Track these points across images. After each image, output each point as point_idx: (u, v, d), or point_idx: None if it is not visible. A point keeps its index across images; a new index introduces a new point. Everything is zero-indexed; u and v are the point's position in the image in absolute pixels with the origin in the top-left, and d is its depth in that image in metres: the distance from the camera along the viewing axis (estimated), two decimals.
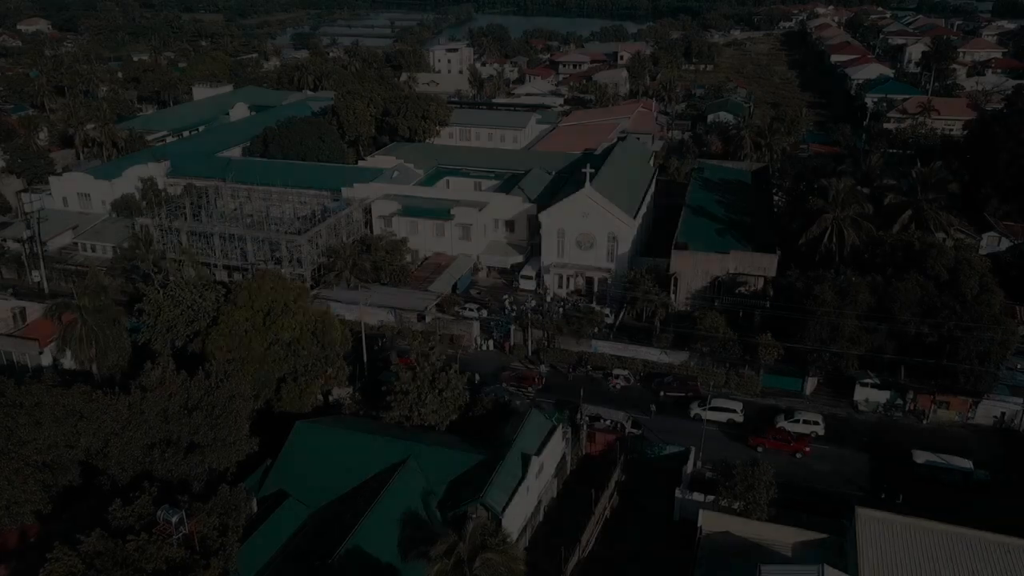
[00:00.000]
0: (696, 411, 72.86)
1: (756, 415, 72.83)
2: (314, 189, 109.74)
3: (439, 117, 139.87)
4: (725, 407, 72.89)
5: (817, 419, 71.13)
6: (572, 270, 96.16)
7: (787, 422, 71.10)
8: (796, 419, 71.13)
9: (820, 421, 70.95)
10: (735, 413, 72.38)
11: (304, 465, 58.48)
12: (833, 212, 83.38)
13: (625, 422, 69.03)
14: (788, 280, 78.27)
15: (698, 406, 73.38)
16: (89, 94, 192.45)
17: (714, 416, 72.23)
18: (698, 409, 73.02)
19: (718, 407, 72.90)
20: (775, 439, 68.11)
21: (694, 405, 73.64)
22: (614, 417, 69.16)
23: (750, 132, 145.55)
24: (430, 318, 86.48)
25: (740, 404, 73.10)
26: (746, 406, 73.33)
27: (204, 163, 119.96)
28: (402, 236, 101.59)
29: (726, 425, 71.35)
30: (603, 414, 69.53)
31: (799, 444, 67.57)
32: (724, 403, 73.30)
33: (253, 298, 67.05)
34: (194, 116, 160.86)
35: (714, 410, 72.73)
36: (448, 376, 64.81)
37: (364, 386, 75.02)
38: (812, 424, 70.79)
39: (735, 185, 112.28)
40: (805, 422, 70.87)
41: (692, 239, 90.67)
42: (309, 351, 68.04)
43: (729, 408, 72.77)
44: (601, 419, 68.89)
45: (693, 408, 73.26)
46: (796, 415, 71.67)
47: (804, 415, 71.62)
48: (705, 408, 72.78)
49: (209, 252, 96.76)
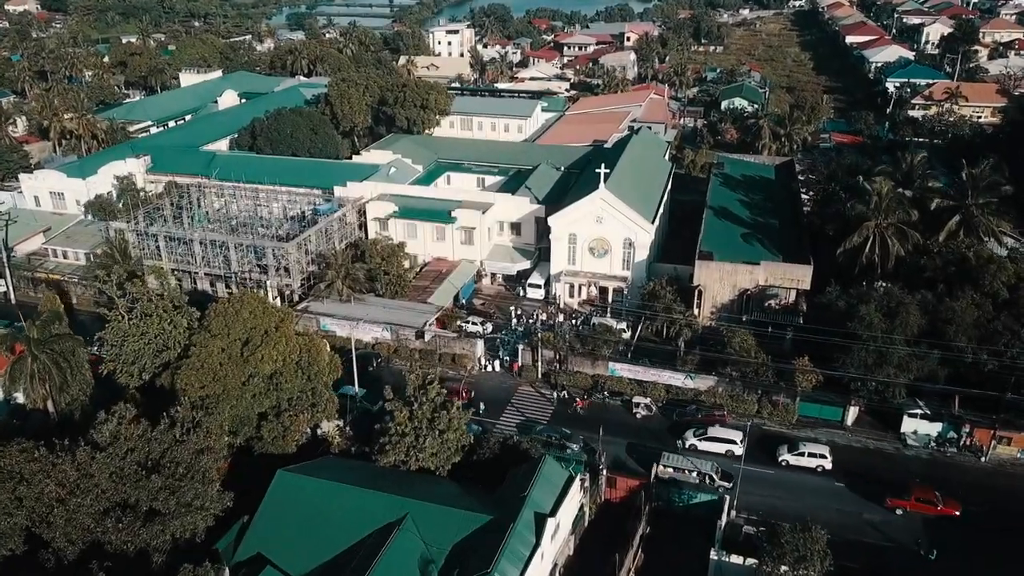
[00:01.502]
0: (691, 441, 65.73)
1: (757, 444, 65.31)
2: (305, 188, 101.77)
3: (439, 106, 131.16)
4: (723, 437, 65.51)
5: (824, 452, 63.78)
6: (584, 279, 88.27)
7: (791, 455, 63.90)
8: (801, 452, 63.80)
9: (827, 454, 63.58)
10: (735, 444, 65.00)
11: (286, 523, 51.12)
12: (875, 219, 75.30)
13: (714, 474, 60.66)
14: (828, 298, 70.35)
15: (693, 435, 66.12)
16: (73, 80, 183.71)
17: (711, 447, 65.12)
18: (693, 439, 65.82)
19: (715, 437, 65.56)
20: (920, 500, 58.49)
21: (688, 434, 66.32)
22: (701, 468, 60.66)
23: (769, 122, 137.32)
24: (430, 336, 78.71)
25: (740, 434, 65.61)
26: (745, 434, 65.60)
27: (187, 158, 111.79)
28: (399, 240, 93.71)
29: (725, 458, 64.12)
30: (687, 465, 61.01)
31: (948, 507, 58.09)
32: (723, 433, 65.90)
33: (230, 325, 59.24)
34: (180, 104, 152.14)
35: (711, 440, 65.49)
36: (449, 415, 57.22)
37: (356, 419, 67.54)
38: (819, 457, 63.49)
39: (758, 182, 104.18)
40: (811, 455, 63.58)
41: (716, 246, 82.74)
42: (293, 384, 60.43)
43: (728, 439, 65.37)
44: (685, 471, 60.54)
45: (688, 438, 66.00)
46: (801, 447, 64.23)
47: (810, 447, 64.17)
48: (701, 438, 65.64)
49: (190, 259, 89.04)
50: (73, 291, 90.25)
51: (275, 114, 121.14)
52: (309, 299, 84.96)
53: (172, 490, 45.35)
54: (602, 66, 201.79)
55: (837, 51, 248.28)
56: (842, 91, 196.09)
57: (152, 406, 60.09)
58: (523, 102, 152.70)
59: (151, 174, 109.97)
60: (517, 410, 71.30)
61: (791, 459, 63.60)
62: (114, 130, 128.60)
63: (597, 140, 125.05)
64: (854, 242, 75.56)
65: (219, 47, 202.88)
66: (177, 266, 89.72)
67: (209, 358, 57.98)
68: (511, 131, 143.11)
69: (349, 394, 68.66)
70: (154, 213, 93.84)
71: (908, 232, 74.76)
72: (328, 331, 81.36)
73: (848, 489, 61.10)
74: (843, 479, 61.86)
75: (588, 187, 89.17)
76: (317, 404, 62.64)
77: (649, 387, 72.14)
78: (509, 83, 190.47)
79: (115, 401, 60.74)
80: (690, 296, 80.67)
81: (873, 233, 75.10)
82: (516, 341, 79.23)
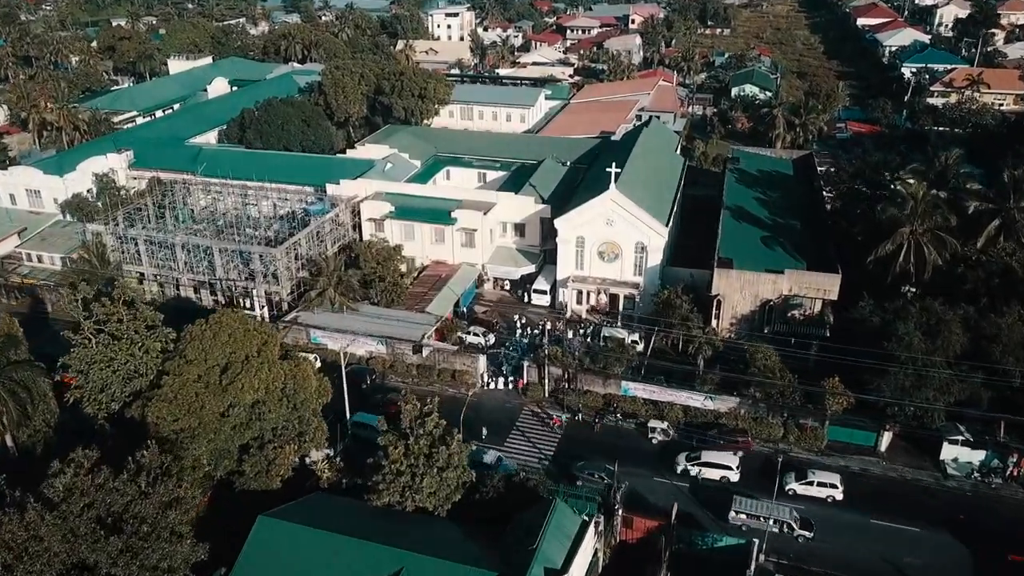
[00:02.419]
0: (683, 466, 60.73)
1: (760, 470, 60.24)
2: (296, 185, 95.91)
3: (438, 96, 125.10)
4: (718, 462, 60.35)
5: (835, 480, 58.59)
6: (593, 285, 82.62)
7: (799, 484, 58.71)
8: (810, 480, 58.65)
9: (839, 483, 58.38)
10: (730, 470, 59.95)
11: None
12: (911, 225, 69.50)
13: (793, 522, 54.89)
14: (861, 313, 64.70)
15: (685, 459, 61.02)
16: (59, 66, 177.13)
17: (704, 472, 60.20)
18: (685, 463, 60.76)
19: (709, 462, 60.43)
20: None
21: (680, 458, 61.25)
22: (778, 516, 54.67)
23: (784, 111, 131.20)
24: (427, 351, 73.13)
25: (737, 459, 60.55)
26: (742, 459, 61.09)
27: (172, 153, 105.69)
28: (396, 242, 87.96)
29: (719, 484, 59.22)
30: (763, 512, 54.82)
31: None
32: (717, 456, 60.73)
33: (207, 350, 53.69)
34: (168, 93, 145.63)
35: (704, 465, 60.39)
36: (449, 450, 51.77)
37: (347, 447, 62.16)
38: (829, 487, 58.33)
39: (777, 179, 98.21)
40: (820, 484, 58.42)
41: (735, 251, 76.97)
42: (278, 414, 54.97)
43: (724, 464, 60.25)
44: (761, 519, 54.59)
45: (680, 462, 60.97)
46: (810, 475, 59.04)
47: (819, 475, 59.03)
48: (693, 462, 60.57)
49: (172, 264, 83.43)
50: (49, 298, 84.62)
51: (265, 105, 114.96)
52: (299, 309, 79.34)
53: (135, 552, 39.96)
54: (607, 50, 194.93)
55: (848, 34, 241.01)
56: (855, 76, 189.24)
57: (123, 438, 54.98)
58: (526, 90, 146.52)
59: (134, 170, 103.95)
60: (522, 434, 65.88)
61: (799, 488, 58.50)
62: (97, 121, 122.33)
63: (604, 131, 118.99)
64: (887, 250, 69.73)
65: (211, 31, 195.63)
66: (159, 272, 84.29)
67: (183, 388, 52.50)
68: (513, 121, 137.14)
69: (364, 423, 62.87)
70: (135, 213, 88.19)
71: (946, 239, 68.94)
72: (319, 344, 75.98)
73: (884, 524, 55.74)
74: (882, 515, 56.44)
75: (597, 185, 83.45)
76: (304, 433, 57.30)
77: (665, 408, 66.65)
78: (511, 69, 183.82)
79: (83, 431, 56.16)
80: (707, 305, 75.10)
81: (908, 240, 69.28)
82: (521, 356, 73.69)
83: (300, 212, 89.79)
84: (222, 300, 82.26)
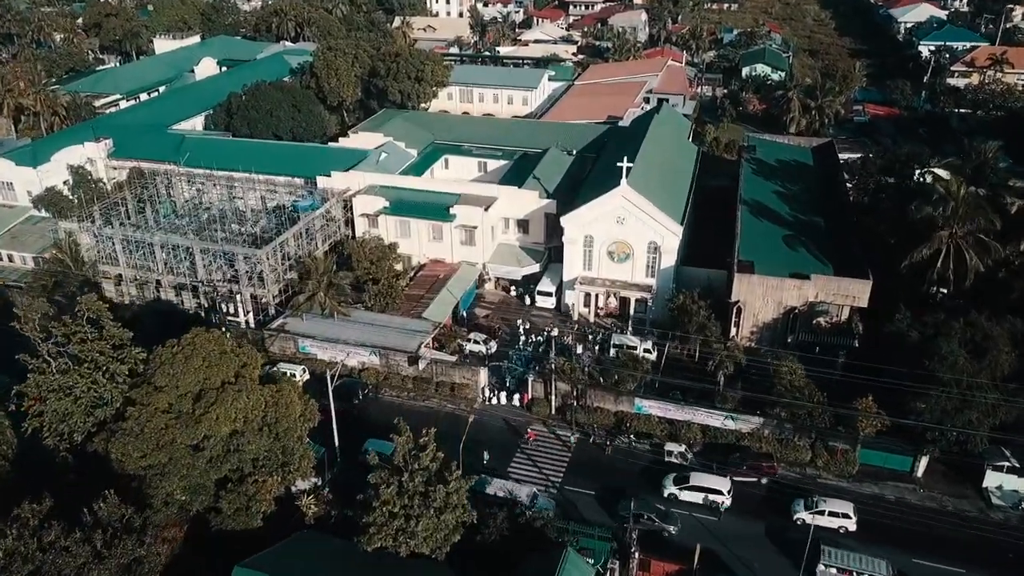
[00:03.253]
0: (670, 490, 56.25)
1: (763, 498, 55.54)
2: (285, 176, 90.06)
3: (436, 78, 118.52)
4: (709, 486, 55.68)
5: (847, 509, 53.79)
6: (602, 288, 77.13)
7: (807, 513, 53.87)
8: (820, 510, 53.78)
9: (852, 513, 53.54)
10: (721, 495, 55.23)
11: None
12: (950, 228, 63.83)
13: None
14: (898, 327, 59.20)
15: (673, 483, 56.30)
16: (42, 44, 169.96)
17: (691, 497, 55.62)
18: (673, 488, 56.17)
19: (699, 486, 55.77)
20: None
21: (667, 481, 56.61)
22: (876, 571, 49.10)
23: (799, 94, 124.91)
24: (424, 364, 67.74)
25: (727, 483, 56.00)
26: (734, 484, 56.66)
27: (154, 141, 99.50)
28: (391, 240, 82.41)
29: (706, 510, 54.93)
30: (856, 566, 49.51)
31: None
32: (708, 481, 56.08)
33: (178, 376, 48.33)
34: (153, 74, 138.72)
35: (692, 490, 55.78)
36: (447, 489, 46.62)
37: (337, 475, 57.01)
38: (841, 516, 53.49)
39: (796, 169, 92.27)
40: (831, 514, 53.54)
41: (756, 253, 71.35)
42: (258, 445, 49.73)
43: (714, 488, 55.53)
44: (854, 573, 49.16)
45: (667, 486, 56.43)
46: (819, 504, 54.14)
47: (830, 504, 54.12)
48: (682, 487, 55.99)
49: (152, 265, 77.89)
50: (20, 302, 78.87)
51: (253, 89, 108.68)
52: (286, 314, 73.88)
53: None
54: (611, 27, 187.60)
55: (860, 8, 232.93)
56: (869, 55, 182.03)
57: (87, 473, 49.93)
58: (528, 71, 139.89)
59: (114, 159, 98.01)
60: (528, 457, 60.67)
61: (807, 517, 53.62)
62: (77, 106, 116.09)
63: (611, 116, 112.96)
64: (923, 255, 64.10)
65: (200, 7, 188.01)
66: (137, 273, 78.73)
67: (151, 420, 47.25)
68: (515, 104, 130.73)
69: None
70: (112, 209, 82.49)
71: (989, 244, 63.29)
72: (308, 353, 70.67)
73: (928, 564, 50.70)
74: (925, 554, 51.40)
75: (606, 179, 77.79)
76: (289, 463, 52.11)
77: (682, 428, 61.41)
78: (512, 47, 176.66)
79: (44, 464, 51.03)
80: (725, 311, 69.59)
81: (947, 244, 63.66)
82: (524, 367, 68.34)
83: (289, 207, 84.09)
84: (205, 303, 76.84)
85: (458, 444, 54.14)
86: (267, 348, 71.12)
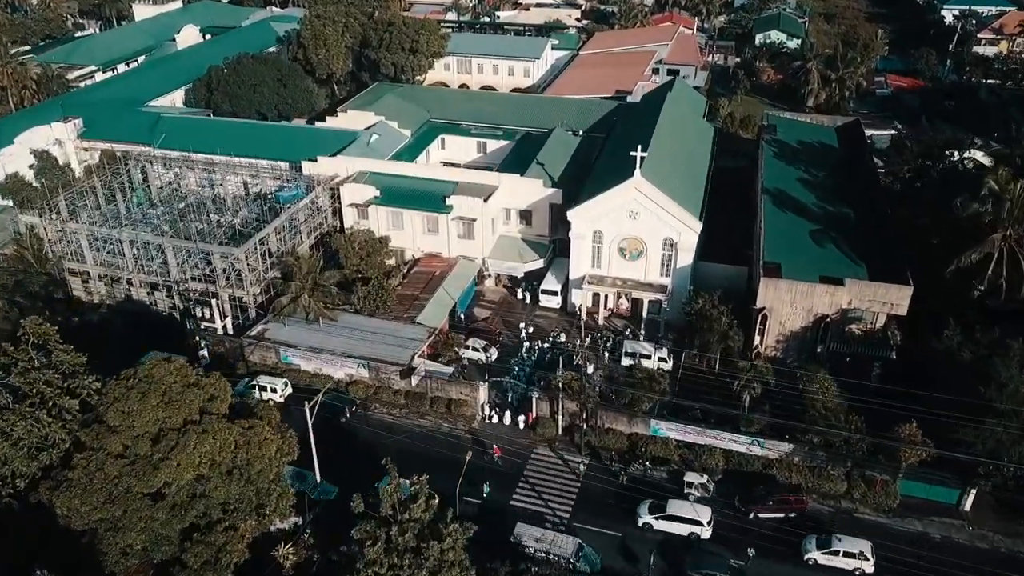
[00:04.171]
0: (645, 519, 51.11)
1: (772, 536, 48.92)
2: (269, 160, 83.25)
3: (432, 49, 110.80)
4: (687, 517, 50.43)
5: (865, 549, 48.37)
6: (612, 287, 70.78)
7: (820, 552, 48.58)
8: (835, 550, 48.45)
9: (869, 553, 48.11)
10: (701, 526, 50.02)
11: None
12: (1003, 230, 57.22)
13: None
14: (946, 345, 52.94)
15: (648, 512, 51.09)
16: (17, 8, 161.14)
17: (669, 528, 50.42)
18: (648, 517, 51.00)
19: (676, 516, 50.58)
20: None
21: (642, 509, 51.39)
22: None
23: (818, 64, 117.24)
24: (417, 380, 61.59)
25: (709, 511, 50.71)
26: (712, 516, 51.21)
27: (128, 120, 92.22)
28: (382, 232, 75.87)
29: (686, 541, 49.68)
30: None
31: None
32: (686, 510, 50.77)
33: (133, 415, 42.23)
34: (131, 44, 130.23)
35: (669, 519, 50.54)
36: (442, 545, 40.79)
37: (319, 515, 51.15)
38: (858, 558, 48.14)
39: (820, 153, 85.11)
40: (847, 554, 48.22)
41: (782, 253, 64.75)
42: (227, 491, 43.78)
43: (692, 519, 50.36)
44: None
45: (642, 515, 51.25)
46: (833, 543, 48.74)
47: (845, 543, 48.64)
48: (658, 516, 50.81)
49: (122, 263, 71.44)
50: None
51: (235, 62, 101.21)
52: (267, 319, 67.59)
53: None
54: None
55: None
56: (887, 19, 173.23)
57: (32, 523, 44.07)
58: (530, 40, 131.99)
59: (85, 140, 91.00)
60: (532, 488, 54.81)
61: (820, 558, 48.45)
62: (49, 78, 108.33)
63: (620, 90, 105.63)
64: (972, 258, 57.60)
65: None
66: (106, 271, 72.31)
67: (102, 468, 41.27)
68: (517, 75, 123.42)
69: None
70: (80, 199, 75.69)
71: None
72: (290, 364, 64.59)
73: None
74: None
75: (616, 166, 71.37)
76: (265, 504, 46.21)
77: (704, 453, 55.48)
78: (512, 11, 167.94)
79: None
80: (747, 315, 63.22)
81: (1000, 248, 57.14)
82: (527, 380, 62.16)
83: (271, 197, 77.42)
84: (180, 304, 70.49)
85: (455, 472, 48.52)
86: (246, 357, 65.08)
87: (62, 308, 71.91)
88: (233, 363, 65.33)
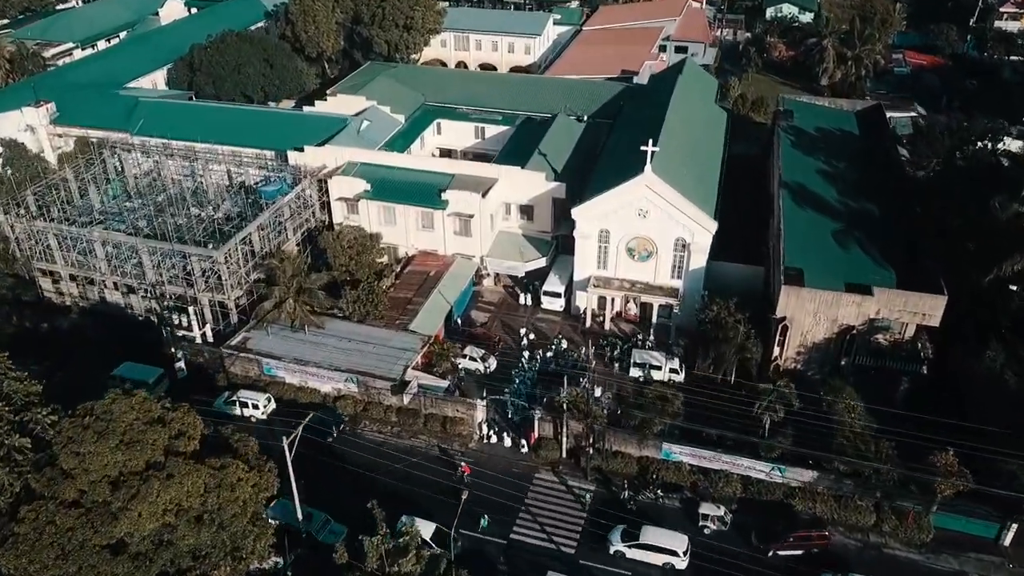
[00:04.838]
0: (617, 547, 47.21)
1: None
2: (253, 148, 78.15)
3: (427, 26, 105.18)
4: (662, 545, 46.49)
5: None
6: (620, 290, 66.05)
7: None
8: None
9: None
10: (676, 556, 46.04)
11: None
12: None
13: None
14: (989, 365, 48.41)
15: (620, 539, 47.21)
16: None
17: (643, 556, 46.55)
18: (620, 545, 47.11)
19: (650, 544, 46.64)
20: None
21: (614, 536, 47.55)
22: None
23: (833, 41, 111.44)
24: (409, 397, 57.09)
25: (685, 540, 46.80)
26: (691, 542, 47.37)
27: (103, 105, 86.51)
28: (374, 229, 71.08)
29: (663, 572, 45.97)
30: None
31: None
32: (661, 539, 46.77)
33: (89, 459, 37.77)
34: (112, 19, 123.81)
35: (643, 548, 46.68)
36: None
37: (303, 554, 46.95)
38: None
39: (840, 141, 79.80)
40: None
41: (804, 257, 59.80)
42: (196, 538, 39.46)
43: (668, 548, 46.33)
44: None
45: (613, 543, 47.39)
46: None
47: None
48: (631, 544, 46.95)
49: (94, 263, 66.71)
50: None
51: (218, 41, 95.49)
52: (248, 327, 62.95)
53: None
54: None
55: None
56: None
57: None
58: (531, 16, 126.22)
59: (58, 125, 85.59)
60: (534, 518, 50.55)
61: None
62: (23, 57, 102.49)
63: (625, 70, 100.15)
64: (1013, 268, 52.87)
65: None
66: (78, 272, 67.62)
67: (53, 520, 36.89)
68: (517, 52, 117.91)
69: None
70: (50, 192, 70.73)
71: None
72: (273, 376, 60.12)
73: None
74: None
75: (623, 156, 66.83)
76: (241, 548, 41.93)
77: (720, 479, 51.21)
78: None
79: None
80: (763, 321, 58.54)
81: None
82: (529, 400, 57.54)
83: (254, 192, 72.49)
84: (156, 308, 65.75)
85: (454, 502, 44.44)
86: (227, 369, 60.60)
87: (31, 312, 67.56)
88: (213, 375, 60.93)
